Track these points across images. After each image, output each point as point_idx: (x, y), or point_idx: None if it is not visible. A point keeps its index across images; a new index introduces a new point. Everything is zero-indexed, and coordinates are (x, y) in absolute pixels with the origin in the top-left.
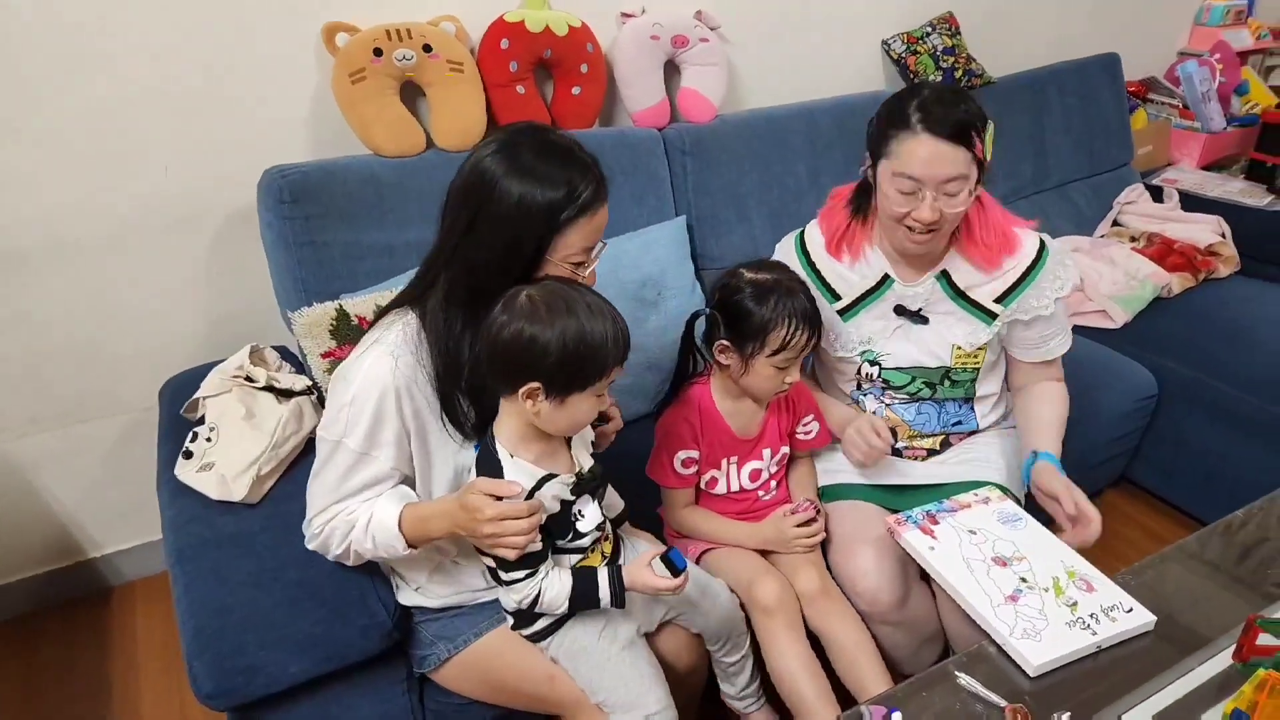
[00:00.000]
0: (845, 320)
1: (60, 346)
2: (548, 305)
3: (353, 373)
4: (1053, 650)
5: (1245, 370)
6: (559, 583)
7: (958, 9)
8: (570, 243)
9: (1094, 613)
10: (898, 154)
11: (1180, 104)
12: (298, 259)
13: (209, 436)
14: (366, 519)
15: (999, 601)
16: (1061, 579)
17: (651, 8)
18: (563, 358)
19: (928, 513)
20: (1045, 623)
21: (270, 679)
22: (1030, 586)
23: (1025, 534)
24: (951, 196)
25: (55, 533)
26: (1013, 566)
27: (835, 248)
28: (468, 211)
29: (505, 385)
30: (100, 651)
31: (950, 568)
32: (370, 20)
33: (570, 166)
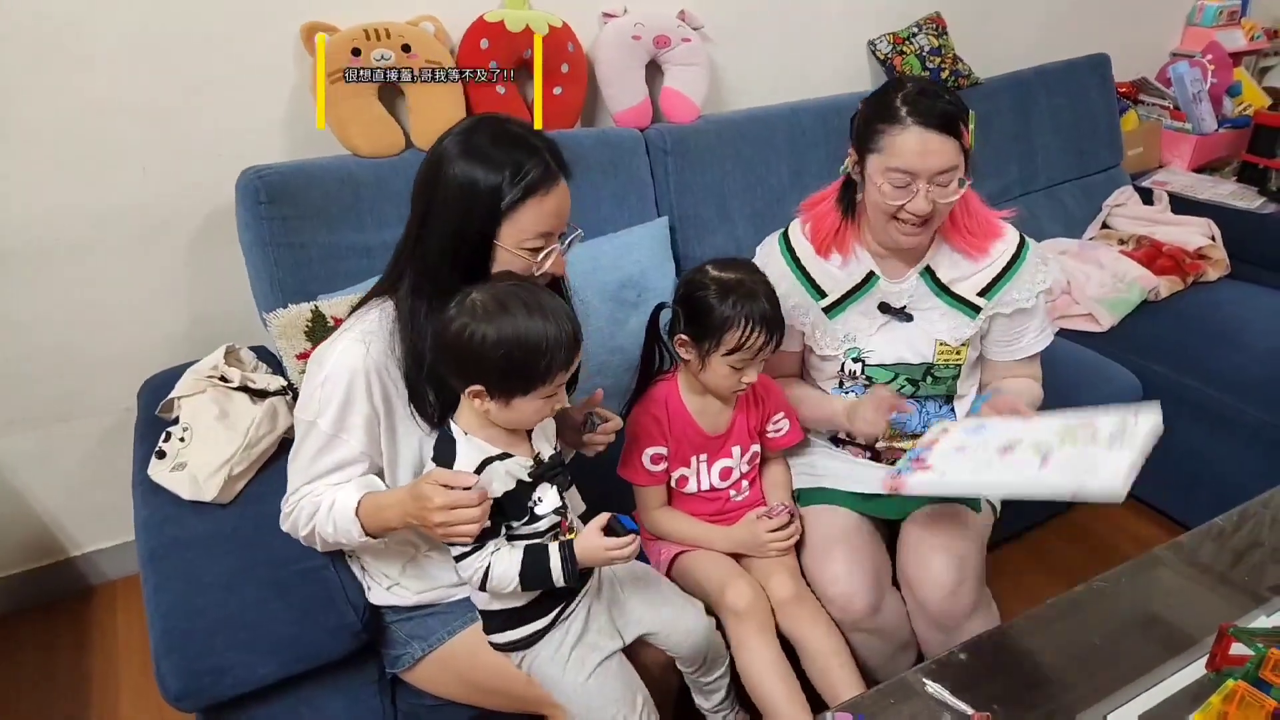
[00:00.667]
0: (831, 318)
1: (39, 347)
2: (491, 307)
3: (326, 356)
4: (1119, 469)
5: (1232, 374)
6: (508, 558)
7: (945, 9)
8: (522, 227)
9: (1115, 434)
10: (888, 148)
11: (1171, 105)
12: (275, 260)
13: (182, 437)
14: (330, 503)
15: (1038, 469)
16: (1067, 432)
17: (633, 7)
18: (503, 362)
19: (911, 458)
20: (1090, 460)
21: (238, 680)
22: (1049, 450)
23: (1001, 428)
24: (943, 187)
25: (35, 532)
26: (1019, 450)
27: (825, 249)
28: (423, 200)
29: (456, 382)
30: (80, 650)
31: (976, 474)
32: (349, 20)
33: (518, 149)
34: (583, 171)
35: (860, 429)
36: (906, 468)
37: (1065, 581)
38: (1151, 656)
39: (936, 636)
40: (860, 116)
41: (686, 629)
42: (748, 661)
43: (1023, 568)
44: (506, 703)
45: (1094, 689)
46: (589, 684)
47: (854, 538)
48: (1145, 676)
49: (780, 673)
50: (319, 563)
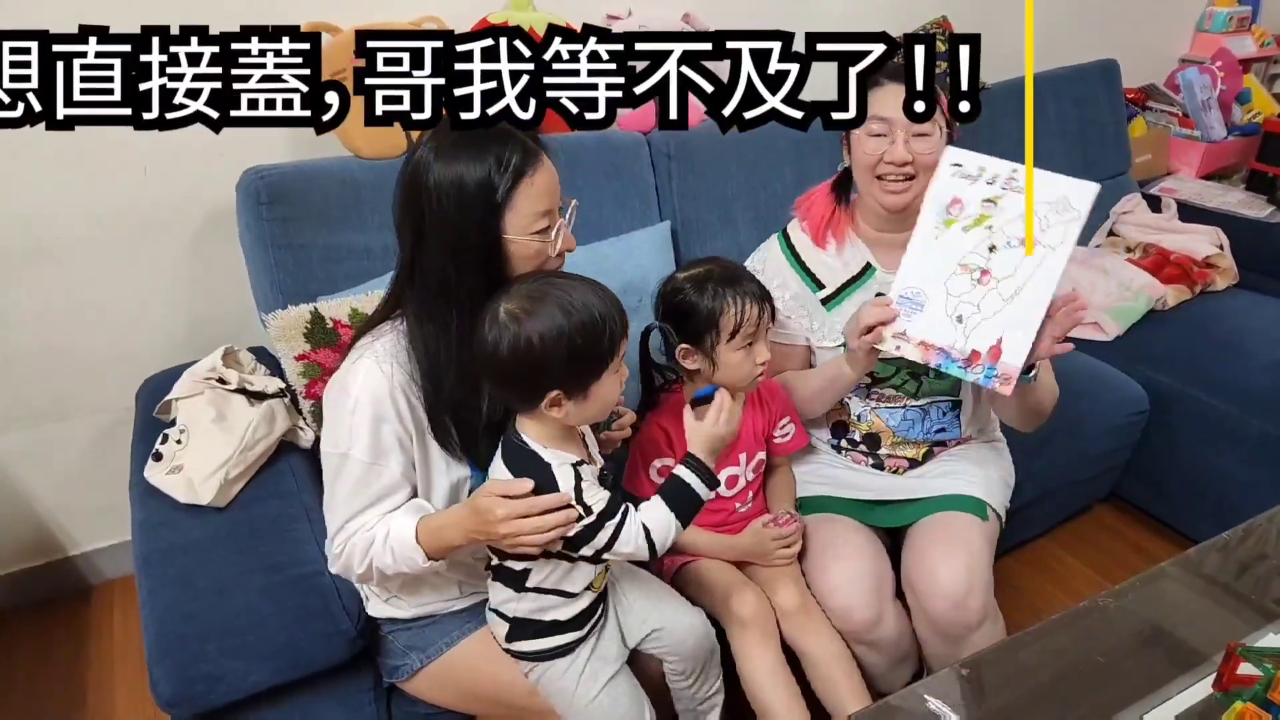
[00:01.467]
0: (829, 310)
1: (38, 346)
2: (526, 307)
3: (349, 382)
4: (1064, 179)
5: (1239, 385)
6: (651, 509)
7: (952, 14)
8: (522, 212)
9: (1002, 177)
10: (869, 103)
11: (1180, 112)
12: (275, 261)
13: (179, 439)
14: (385, 533)
15: (1022, 252)
16: (977, 222)
17: (638, 9)
18: (569, 352)
19: (958, 366)
20: (1046, 217)
21: (231, 687)
22: (1009, 239)
23: (922, 274)
24: (923, 138)
25: (33, 530)
26: (992, 256)
27: (820, 236)
28: (412, 220)
29: (525, 402)
30: (76, 649)
31: (1032, 299)
32: (350, 21)
33: (492, 140)
34: (585, 175)
35: (853, 353)
36: (989, 371)
37: (1068, 593)
38: (1158, 674)
39: (943, 647)
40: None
41: (689, 624)
42: (750, 670)
43: (1025, 579)
44: (505, 712)
45: (1098, 707)
46: (600, 699)
47: (855, 547)
48: (1151, 695)
49: (783, 683)
50: (314, 569)
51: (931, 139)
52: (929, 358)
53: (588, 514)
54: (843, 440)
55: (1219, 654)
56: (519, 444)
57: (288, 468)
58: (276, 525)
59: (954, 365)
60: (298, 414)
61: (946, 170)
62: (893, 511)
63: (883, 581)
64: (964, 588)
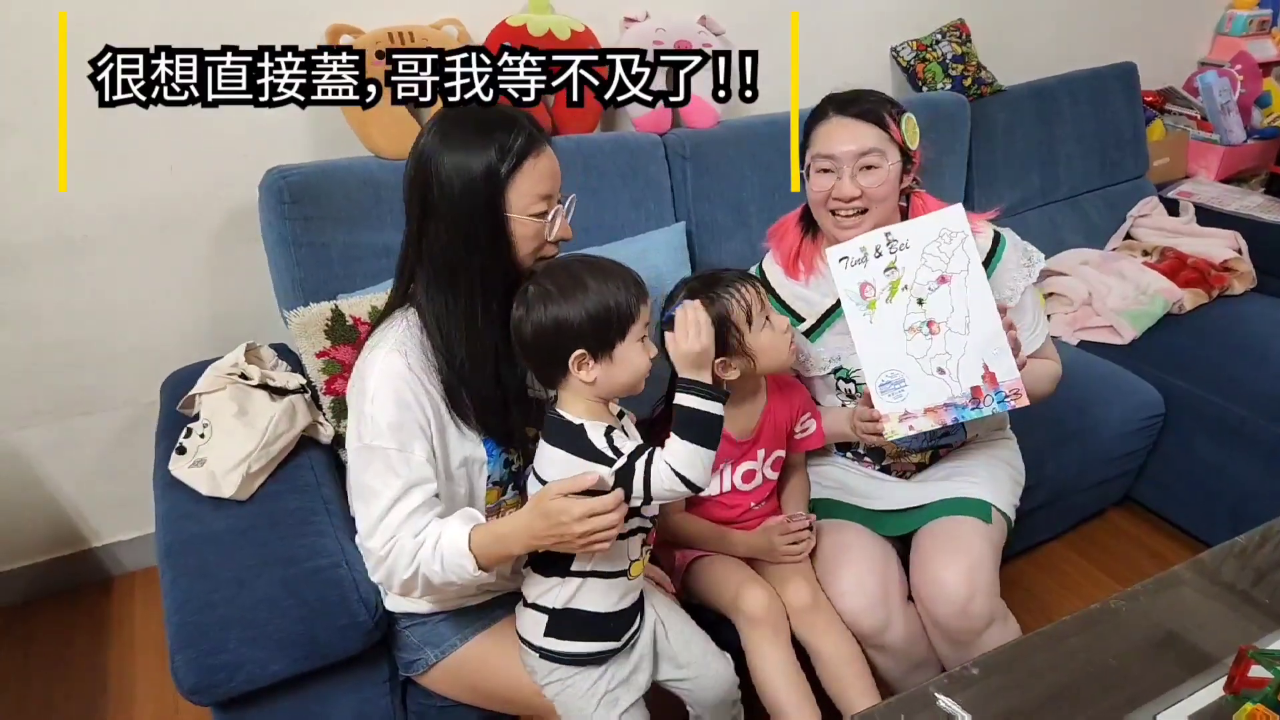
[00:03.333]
0: (813, 340)
1: (63, 340)
2: (559, 279)
3: (365, 374)
4: (952, 214)
5: (1256, 390)
6: (673, 445)
7: (969, 16)
8: (523, 192)
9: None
10: (815, 141)
11: (1199, 115)
12: (296, 259)
13: (202, 433)
14: (435, 538)
15: (948, 287)
16: (892, 286)
17: (655, 12)
18: (594, 313)
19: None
20: (941, 251)
21: (251, 676)
22: (930, 285)
23: (879, 350)
24: (870, 170)
25: (57, 522)
26: (927, 313)
27: (792, 267)
28: (419, 201)
29: (555, 369)
30: (98, 640)
31: (969, 349)
32: (374, 23)
33: (493, 125)
34: (601, 176)
35: (867, 442)
36: (998, 396)
37: (1080, 597)
38: (1169, 676)
39: (953, 651)
40: (804, 124)
41: (717, 673)
42: (761, 668)
43: (1037, 582)
44: (516, 709)
45: (1109, 709)
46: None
47: (864, 553)
48: (1162, 697)
49: (792, 680)
50: (332, 561)
51: (880, 171)
52: (943, 418)
53: (617, 456)
54: (848, 453)
55: (1230, 657)
56: (555, 417)
57: (308, 462)
58: (296, 518)
59: (966, 411)
60: (318, 410)
61: (837, 268)
62: (900, 519)
63: (891, 586)
64: (966, 593)
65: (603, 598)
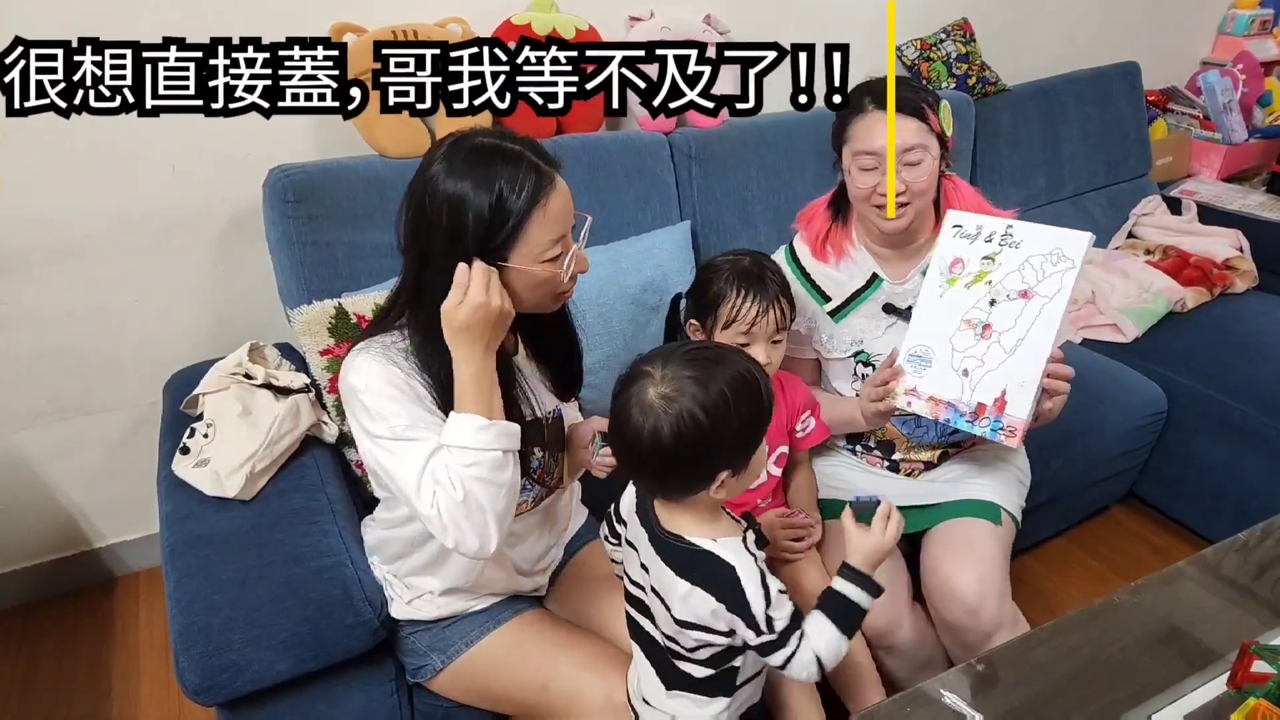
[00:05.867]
0: (836, 321)
1: (66, 341)
2: (680, 385)
3: (349, 375)
4: (1057, 230)
5: (1259, 388)
6: (817, 629)
7: (973, 16)
8: (535, 242)
9: (1001, 235)
10: (855, 136)
11: (1201, 114)
12: (300, 258)
13: (206, 433)
14: (444, 455)
15: (1035, 304)
16: (976, 277)
17: (660, 11)
18: (739, 421)
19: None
20: (1041, 252)
21: (256, 676)
22: (1009, 292)
23: (929, 333)
24: (913, 166)
25: (61, 522)
26: (994, 312)
27: (821, 250)
28: (417, 241)
29: (690, 488)
30: (102, 641)
31: (1024, 361)
32: (377, 21)
33: (497, 163)
34: (606, 175)
35: (867, 411)
36: (995, 424)
37: (1085, 593)
38: (1172, 671)
39: (963, 653)
40: (835, 118)
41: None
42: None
43: (1042, 579)
44: (522, 711)
45: (1112, 703)
46: None
47: None
48: (1165, 692)
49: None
50: (337, 560)
51: (923, 166)
52: (938, 413)
53: (769, 630)
54: (858, 445)
55: (1234, 652)
56: (683, 546)
57: (312, 462)
58: (301, 518)
59: (961, 419)
60: (322, 409)
61: (948, 232)
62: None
63: (898, 587)
64: (977, 596)
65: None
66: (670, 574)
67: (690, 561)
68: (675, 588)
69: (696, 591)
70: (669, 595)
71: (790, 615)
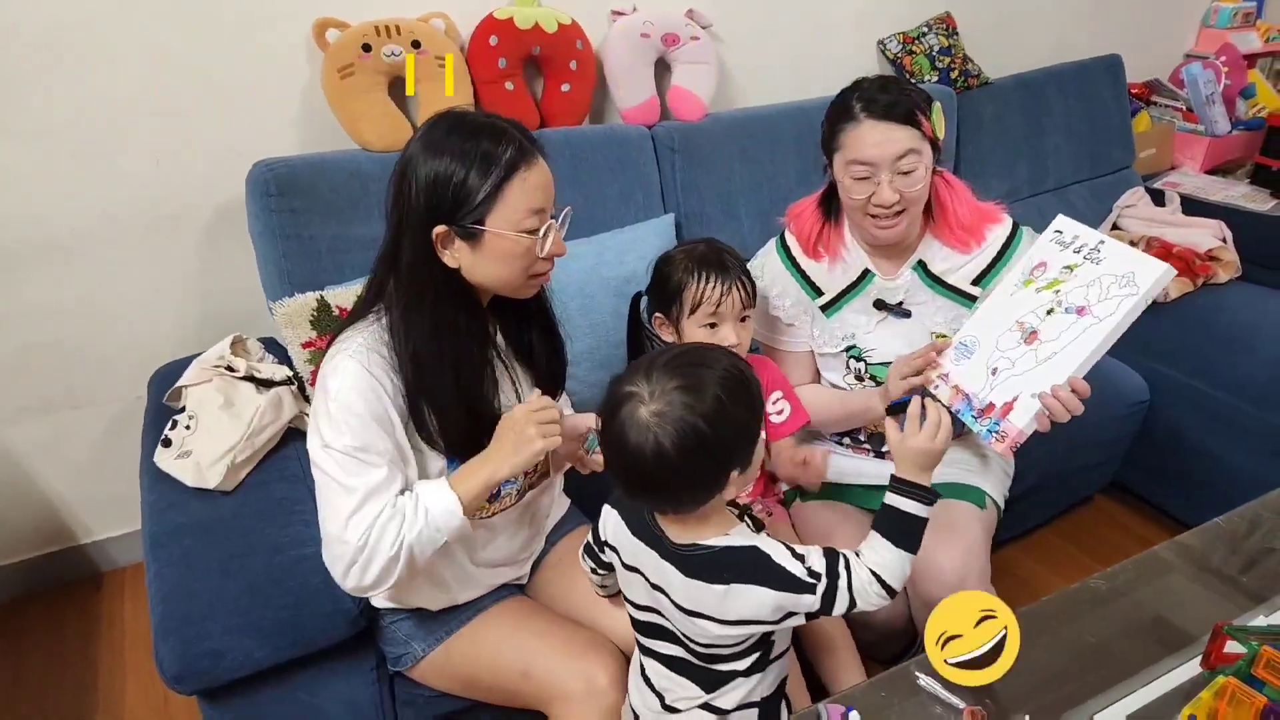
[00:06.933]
0: (828, 316)
1: (51, 336)
2: (672, 396)
3: (328, 379)
4: (1142, 259)
5: (1240, 377)
6: (875, 548)
7: (955, 9)
8: (513, 207)
9: (1090, 248)
10: (847, 144)
11: (1184, 107)
12: (283, 251)
13: (188, 425)
14: (414, 502)
15: (1091, 321)
16: (1047, 285)
17: (642, 5)
18: (740, 423)
19: (971, 415)
20: (1112, 278)
21: (235, 664)
22: (1064, 302)
23: (982, 329)
24: (907, 174)
25: (46, 518)
26: (1042, 326)
27: (813, 250)
28: (397, 210)
29: (705, 495)
30: (88, 635)
31: (1052, 371)
32: (360, 16)
33: (484, 136)
34: (589, 168)
35: (894, 389)
36: (993, 426)
37: (1068, 582)
38: (1147, 654)
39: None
40: (825, 120)
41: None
42: None
43: (1027, 568)
44: (503, 699)
45: (1087, 686)
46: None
47: (849, 534)
48: (1139, 674)
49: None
50: (316, 550)
51: (916, 174)
52: (954, 402)
53: (816, 579)
54: (846, 437)
55: (1208, 635)
56: (702, 553)
57: (294, 453)
58: (282, 508)
59: (969, 413)
60: (304, 401)
61: (1048, 235)
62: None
63: None
64: (960, 575)
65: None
66: (699, 584)
67: (716, 564)
68: (710, 593)
69: (734, 588)
70: (704, 604)
71: (823, 552)
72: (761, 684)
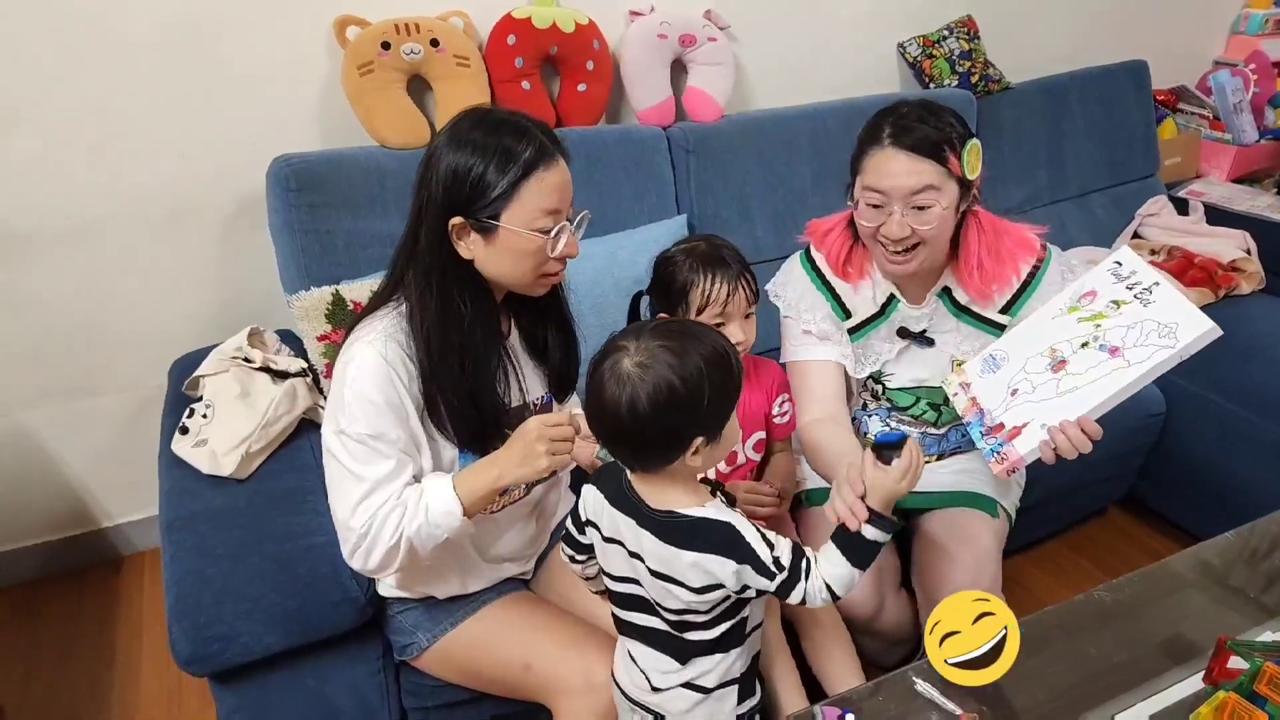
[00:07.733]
0: (854, 340)
1: (72, 323)
2: (655, 355)
3: (345, 366)
4: (1191, 311)
5: (1258, 391)
6: (828, 561)
7: (977, 12)
8: (528, 205)
9: (1140, 289)
10: (868, 169)
11: (1211, 115)
12: (301, 245)
13: (205, 413)
14: (417, 496)
15: (1121, 364)
16: (1091, 316)
17: (660, 6)
18: (712, 390)
19: (981, 431)
20: (1154, 323)
21: (244, 648)
22: (1102, 339)
23: (1014, 347)
24: (922, 211)
25: (67, 501)
26: (1072, 358)
27: (842, 271)
28: (419, 198)
29: (666, 455)
30: (106, 618)
31: (1072, 404)
32: (380, 14)
33: (507, 133)
34: (604, 168)
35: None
36: (996, 446)
37: (1077, 593)
38: (1150, 667)
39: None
40: (858, 140)
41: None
42: None
43: (1036, 579)
44: (505, 690)
45: (1085, 697)
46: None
47: None
48: (1141, 687)
49: (780, 655)
50: (327, 539)
51: (932, 212)
52: (968, 415)
53: (779, 570)
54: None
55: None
56: (679, 519)
57: (308, 444)
58: (294, 497)
59: (979, 428)
60: (319, 393)
61: (1106, 264)
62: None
63: (885, 573)
64: (970, 581)
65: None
66: (672, 549)
67: (690, 531)
68: (681, 558)
69: (705, 557)
70: (676, 569)
71: (792, 548)
72: (739, 660)
